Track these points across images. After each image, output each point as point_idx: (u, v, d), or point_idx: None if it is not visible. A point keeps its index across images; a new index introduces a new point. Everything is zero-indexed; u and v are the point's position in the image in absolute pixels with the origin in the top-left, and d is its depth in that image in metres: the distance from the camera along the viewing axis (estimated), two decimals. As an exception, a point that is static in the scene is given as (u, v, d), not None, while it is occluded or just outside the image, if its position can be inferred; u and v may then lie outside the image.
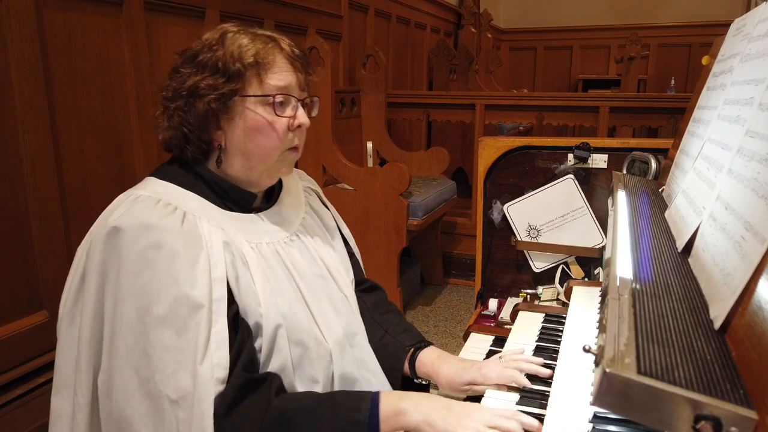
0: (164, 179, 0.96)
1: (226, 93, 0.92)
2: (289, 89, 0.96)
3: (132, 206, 0.89)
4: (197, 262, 0.86)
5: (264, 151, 0.96)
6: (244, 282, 0.91)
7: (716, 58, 1.22)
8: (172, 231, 0.86)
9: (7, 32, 1.56)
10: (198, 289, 0.84)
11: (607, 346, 0.59)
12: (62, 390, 0.93)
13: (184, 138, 0.95)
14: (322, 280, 1.06)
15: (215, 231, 0.91)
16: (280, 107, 0.94)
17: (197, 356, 0.82)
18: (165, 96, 0.97)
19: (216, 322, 0.85)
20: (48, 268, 1.70)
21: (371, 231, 2.88)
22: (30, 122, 1.63)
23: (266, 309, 0.91)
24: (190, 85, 0.93)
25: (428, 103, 3.77)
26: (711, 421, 0.49)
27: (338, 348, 1.00)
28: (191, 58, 0.95)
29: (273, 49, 0.95)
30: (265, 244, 0.98)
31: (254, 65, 0.93)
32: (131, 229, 0.85)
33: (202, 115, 0.93)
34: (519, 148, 1.64)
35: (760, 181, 0.66)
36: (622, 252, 0.87)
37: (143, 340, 0.84)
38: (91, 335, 0.89)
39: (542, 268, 1.66)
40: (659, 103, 3.28)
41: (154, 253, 0.84)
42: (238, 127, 0.94)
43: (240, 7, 2.55)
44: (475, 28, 5.63)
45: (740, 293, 0.59)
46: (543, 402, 0.91)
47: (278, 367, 0.92)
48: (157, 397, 0.83)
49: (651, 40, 6.25)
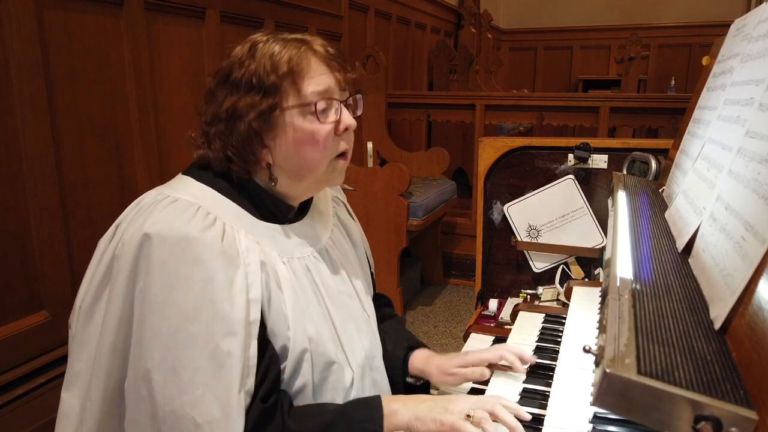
0: (202, 182, 0.92)
1: (266, 109, 0.88)
2: (329, 92, 0.91)
3: (170, 212, 0.84)
4: (234, 281, 0.82)
5: (312, 163, 0.92)
6: (276, 304, 0.88)
7: (716, 59, 1.22)
8: (212, 247, 0.82)
9: (7, 32, 1.56)
10: (236, 311, 0.81)
11: (607, 346, 0.59)
12: (74, 387, 0.89)
13: (228, 160, 0.92)
14: (349, 299, 1.03)
15: (253, 247, 0.88)
16: (323, 114, 0.90)
17: (235, 383, 0.79)
18: (204, 121, 0.93)
19: (249, 346, 0.82)
20: (48, 268, 1.70)
21: (371, 231, 2.88)
22: (30, 122, 1.63)
23: (294, 333, 0.88)
24: (228, 107, 0.89)
25: (428, 104, 3.77)
26: (711, 421, 0.49)
27: (360, 372, 0.99)
28: (224, 78, 0.91)
29: (306, 53, 0.90)
30: (296, 259, 0.95)
31: (289, 74, 0.88)
32: (169, 240, 0.81)
33: (245, 136, 0.89)
34: (519, 148, 1.64)
35: (761, 182, 0.66)
36: (623, 252, 0.87)
37: (172, 357, 0.80)
38: (113, 344, 0.84)
39: (542, 269, 1.66)
40: (659, 103, 3.28)
41: (193, 269, 0.80)
42: (283, 142, 0.90)
43: (240, 7, 2.55)
44: (475, 29, 5.63)
45: (740, 293, 0.59)
46: (543, 402, 0.91)
47: (298, 388, 0.90)
48: (182, 417, 0.79)
49: (651, 40, 6.25)
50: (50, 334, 1.68)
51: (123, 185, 1.97)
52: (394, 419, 0.88)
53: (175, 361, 0.80)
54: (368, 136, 3.52)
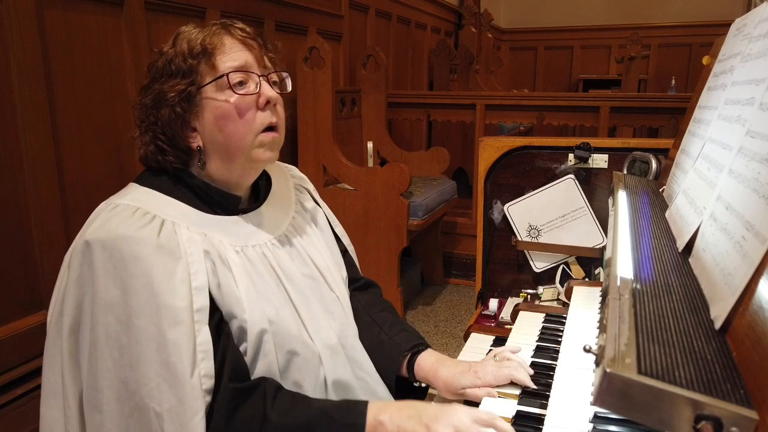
0: (146, 185, 0.95)
1: (185, 90, 0.90)
2: (246, 67, 0.92)
3: (108, 217, 0.87)
4: (175, 272, 0.84)
5: (236, 138, 0.92)
6: (227, 288, 0.89)
7: (717, 58, 1.22)
8: (147, 242, 0.84)
9: (7, 32, 1.56)
10: (179, 300, 0.83)
11: (607, 346, 0.58)
12: (51, 399, 0.92)
13: (161, 151, 0.94)
14: (312, 281, 1.04)
15: (195, 238, 0.89)
16: (239, 86, 0.91)
17: (185, 369, 0.81)
18: (137, 116, 0.96)
19: (199, 332, 0.84)
20: (48, 268, 1.70)
21: (371, 231, 2.88)
22: (30, 122, 1.63)
23: (250, 314, 0.90)
24: (153, 95, 0.92)
25: (429, 103, 3.77)
26: (711, 421, 0.49)
27: (328, 351, 0.99)
28: (151, 69, 0.95)
29: (219, 32, 0.93)
30: (251, 247, 0.96)
31: (203, 53, 0.91)
32: (106, 243, 0.84)
33: (170, 121, 0.92)
34: (519, 148, 1.64)
35: (761, 181, 0.66)
36: (623, 252, 0.87)
37: (128, 353, 0.83)
38: (69, 350, 0.88)
39: (543, 268, 1.66)
40: (660, 103, 3.28)
41: (132, 266, 0.83)
42: (207, 121, 0.92)
43: (240, 7, 2.55)
44: (475, 28, 5.63)
45: (741, 293, 0.59)
46: (543, 402, 0.91)
47: (264, 371, 0.91)
48: (144, 409, 0.82)
49: (651, 40, 6.24)
50: (50, 334, 1.68)
51: (123, 185, 1.96)
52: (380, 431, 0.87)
53: (130, 357, 0.82)
54: (368, 136, 3.52)
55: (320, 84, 2.88)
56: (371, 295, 1.22)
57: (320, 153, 2.96)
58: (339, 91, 3.25)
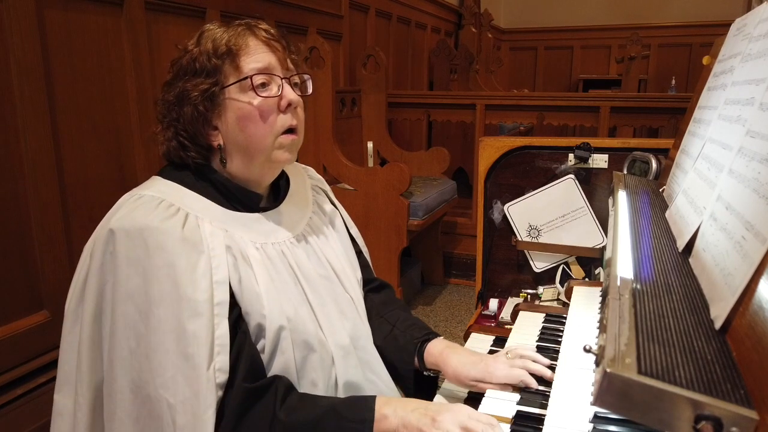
0: (170, 179, 0.96)
1: (208, 89, 0.91)
2: (269, 69, 0.93)
3: (134, 207, 0.88)
4: (197, 265, 0.85)
5: (257, 139, 0.93)
6: (247, 283, 0.90)
7: (717, 58, 1.21)
8: (172, 234, 0.85)
9: (7, 32, 1.56)
10: (200, 293, 0.83)
11: (607, 346, 0.58)
12: (64, 388, 0.94)
13: (182, 147, 0.95)
14: (328, 282, 1.05)
15: (218, 233, 0.90)
16: (261, 89, 0.92)
17: (202, 362, 0.82)
18: (160, 111, 0.97)
19: (218, 326, 0.84)
20: (48, 268, 1.70)
21: (371, 231, 2.88)
22: (30, 122, 1.63)
23: (270, 311, 0.90)
24: (176, 92, 0.93)
25: (429, 103, 3.77)
26: (711, 421, 0.49)
27: (341, 352, 1.00)
28: (175, 67, 0.96)
29: (244, 33, 0.94)
30: (270, 244, 0.97)
31: (228, 54, 0.92)
32: (131, 232, 0.85)
33: (192, 119, 0.93)
34: (519, 148, 1.64)
35: (761, 181, 0.66)
36: (623, 252, 0.87)
37: (144, 343, 0.83)
38: (90, 338, 0.89)
39: (543, 268, 1.66)
40: (660, 103, 3.28)
41: (155, 256, 0.84)
42: (229, 121, 0.93)
43: (240, 7, 2.55)
44: (475, 28, 5.63)
45: (741, 293, 0.59)
46: (543, 402, 0.91)
47: (281, 369, 0.92)
48: (157, 400, 0.83)
49: (651, 40, 6.24)
50: (50, 334, 1.68)
51: (123, 185, 1.97)
52: (384, 424, 0.87)
53: (147, 347, 0.83)
54: (368, 136, 3.53)
55: (320, 84, 2.88)
56: (384, 296, 1.22)
57: (320, 153, 2.96)
58: (339, 91, 3.25)
